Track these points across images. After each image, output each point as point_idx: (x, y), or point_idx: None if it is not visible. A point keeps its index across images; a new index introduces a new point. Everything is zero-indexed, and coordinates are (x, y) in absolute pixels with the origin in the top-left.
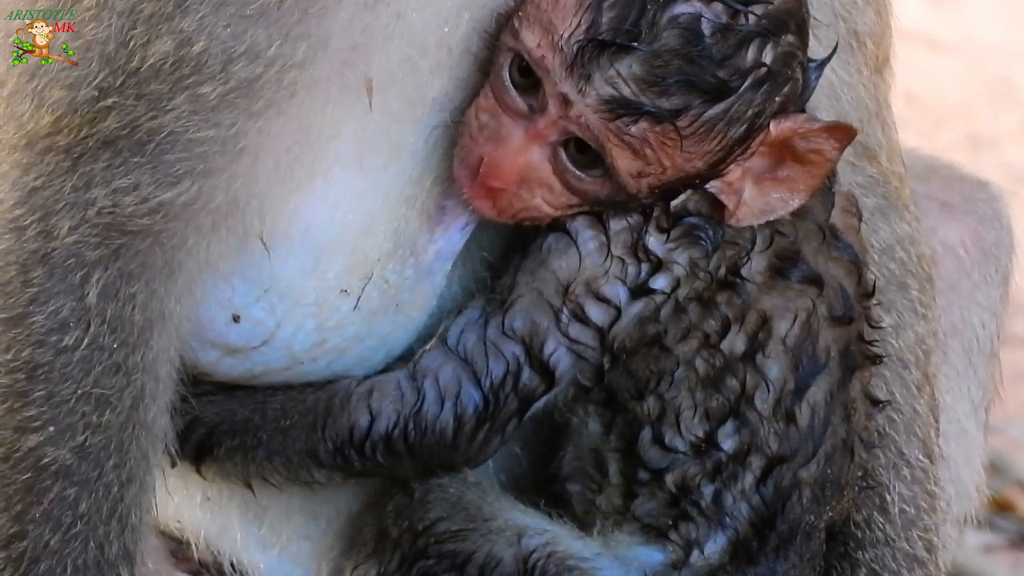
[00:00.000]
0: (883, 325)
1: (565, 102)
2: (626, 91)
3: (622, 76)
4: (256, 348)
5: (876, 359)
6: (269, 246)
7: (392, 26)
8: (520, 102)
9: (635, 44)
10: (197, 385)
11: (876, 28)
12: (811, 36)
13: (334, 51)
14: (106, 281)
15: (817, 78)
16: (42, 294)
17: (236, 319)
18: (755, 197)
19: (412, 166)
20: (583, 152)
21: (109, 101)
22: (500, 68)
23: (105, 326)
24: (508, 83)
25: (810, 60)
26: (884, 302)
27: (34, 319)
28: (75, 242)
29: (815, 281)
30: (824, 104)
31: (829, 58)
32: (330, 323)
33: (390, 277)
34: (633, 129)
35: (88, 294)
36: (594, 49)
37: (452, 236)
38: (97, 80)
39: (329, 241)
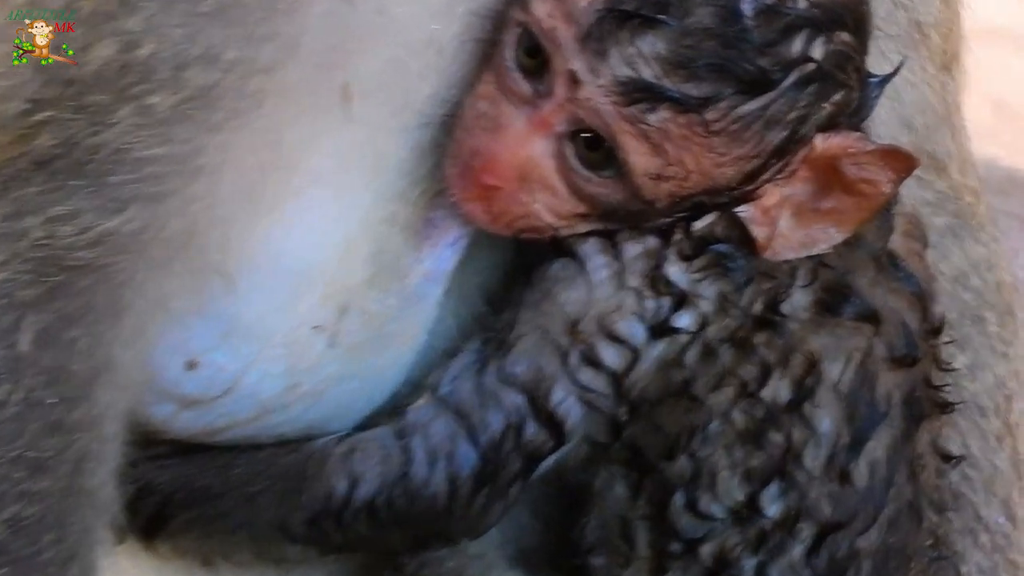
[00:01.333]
0: (955, 367)
1: (574, 81)
2: (647, 72)
3: (643, 55)
4: (217, 398)
5: (947, 407)
6: (231, 280)
7: (373, 23)
8: (525, 86)
9: (662, 18)
10: (149, 446)
11: (943, 18)
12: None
13: (306, 53)
14: (42, 325)
15: (877, 96)
16: None
17: (193, 365)
18: (793, 228)
19: (397, 180)
20: (593, 148)
21: (43, 115)
22: (504, 46)
23: (41, 378)
24: (512, 63)
25: (870, 75)
26: (956, 339)
27: None
28: (4, 280)
29: (871, 317)
30: (883, 105)
31: (895, 73)
32: (303, 364)
33: (371, 306)
34: (652, 118)
35: (20, 341)
36: (614, 21)
37: (442, 254)
38: (29, 91)
39: (302, 271)
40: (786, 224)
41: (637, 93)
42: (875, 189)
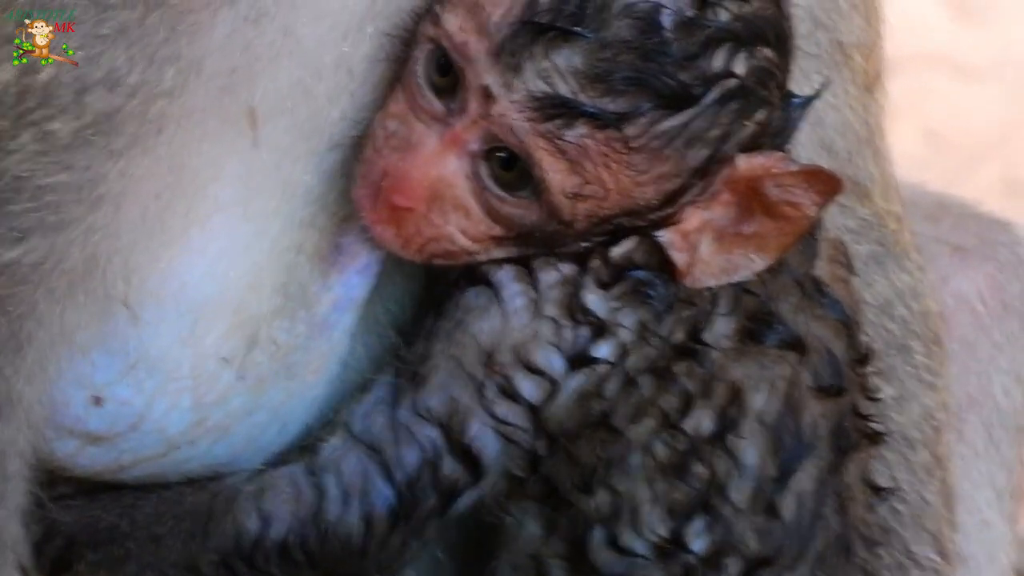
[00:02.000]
0: (882, 397)
1: (487, 97)
2: (563, 87)
3: (559, 68)
4: (122, 434)
5: (875, 438)
6: (136, 311)
7: (279, 44)
8: (436, 104)
9: (578, 30)
10: (53, 486)
11: (865, 38)
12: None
13: (210, 75)
14: None
15: (800, 117)
16: None
17: (98, 400)
18: (714, 254)
19: (305, 207)
20: (508, 167)
21: None
22: (415, 63)
23: None
24: (423, 81)
25: (793, 95)
26: (883, 369)
27: None
28: None
29: (795, 345)
30: (803, 128)
31: (818, 94)
32: (210, 397)
33: (279, 337)
34: (569, 134)
35: None
36: (528, 34)
37: (350, 280)
38: None
39: (207, 301)
40: (707, 249)
41: (553, 109)
42: (798, 212)
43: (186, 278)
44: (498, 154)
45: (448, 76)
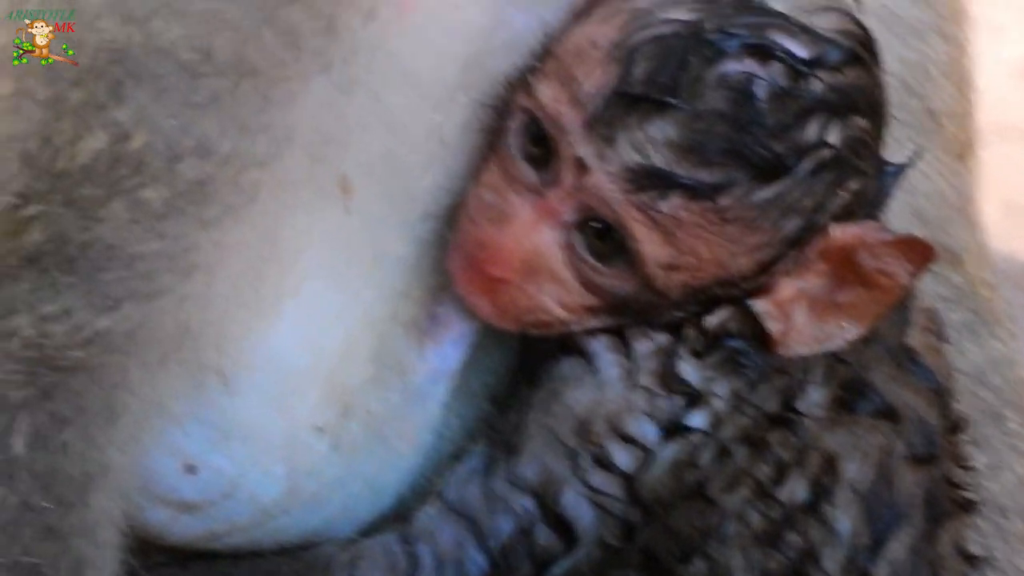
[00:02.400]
0: (976, 465)
1: (581, 168)
2: (656, 158)
3: (653, 140)
4: (216, 502)
5: (969, 506)
6: (229, 380)
7: (371, 114)
8: (530, 174)
9: (672, 101)
10: (146, 554)
11: (957, 107)
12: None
13: (302, 145)
14: (35, 427)
15: (895, 185)
16: None
17: (191, 469)
18: (809, 323)
19: (397, 275)
20: (603, 238)
21: (32, 210)
22: (509, 134)
23: (35, 482)
24: (517, 151)
25: (886, 163)
26: (976, 438)
27: None
28: None
29: (889, 414)
30: (895, 196)
31: (912, 162)
32: (304, 467)
33: (373, 407)
34: (663, 205)
35: (13, 444)
36: (622, 105)
37: (445, 351)
38: (17, 185)
39: (301, 371)
40: (801, 318)
41: (647, 180)
42: (892, 281)
43: (279, 346)
44: (592, 225)
45: (542, 146)
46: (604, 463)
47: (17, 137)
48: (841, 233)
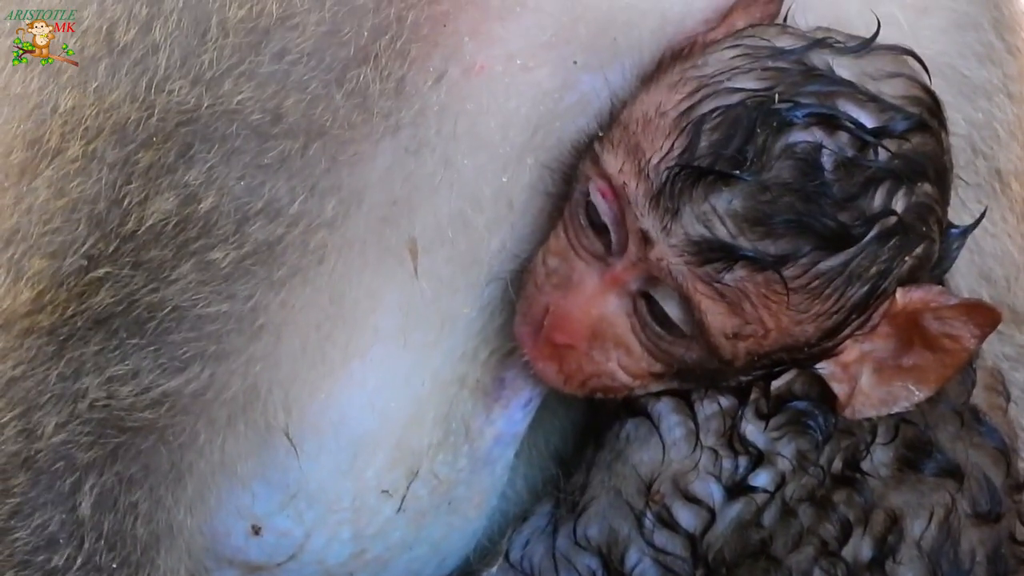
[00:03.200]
0: None
1: (646, 241)
2: (721, 231)
3: (718, 212)
4: (282, 564)
5: None
6: (296, 443)
7: (439, 176)
8: (597, 243)
9: (738, 173)
10: None
11: (1023, 166)
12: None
13: (370, 206)
14: (102, 488)
15: (959, 247)
16: (26, 505)
17: (257, 531)
18: (874, 386)
19: (466, 340)
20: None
21: (101, 271)
22: (576, 203)
23: (102, 542)
24: (584, 220)
25: (952, 226)
26: None
27: (17, 535)
28: (63, 442)
29: (954, 473)
30: (961, 256)
31: (976, 223)
32: (370, 530)
33: (440, 471)
34: (727, 277)
35: (81, 504)
36: (687, 178)
37: (513, 415)
38: (86, 247)
39: (368, 434)
40: (867, 381)
41: (712, 252)
42: (958, 345)
43: (346, 410)
44: (658, 293)
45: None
46: (668, 523)
47: (86, 200)
48: (906, 297)
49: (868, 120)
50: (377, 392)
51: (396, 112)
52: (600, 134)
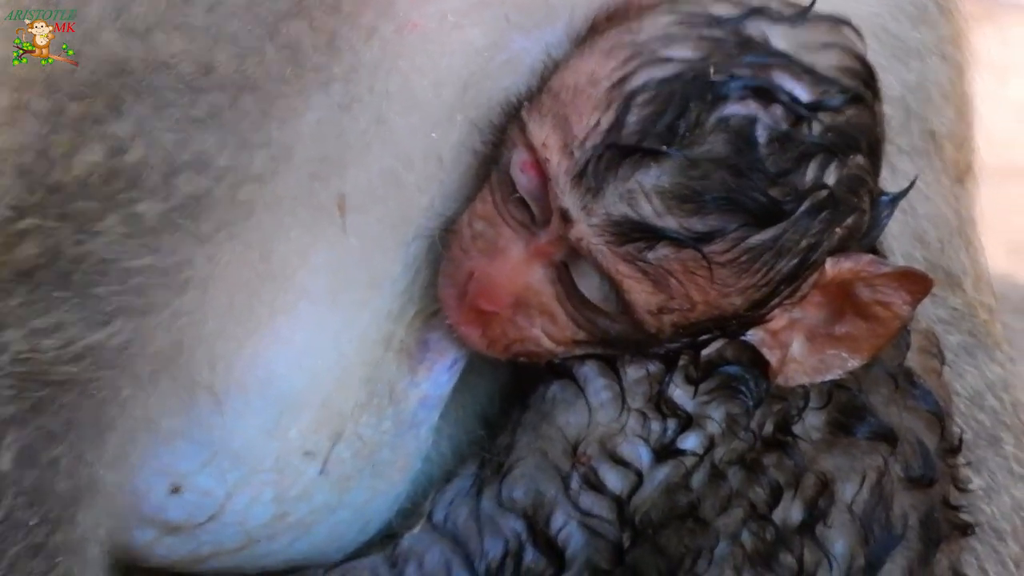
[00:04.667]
0: (972, 488)
1: (565, 219)
2: (646, 209)
3: (644, 189)
4: (202, 524)
5: (965, 529)
6: (220, 400)
7: (371, 133)
8: (523, 211)
9: (667, 149)
10: (130, 573)
11: (957, 129)
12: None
13: (300, 162)
14: (23, 443)
15: (889, 215)
16: None
17: (177, 489)
18: (807, 354)
19: (392, 299)
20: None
21: (26, 223)
22: (503, 169)
23: (22, 498)
24: (511, 188)
25: (882, 193)
26: (973, 460)
27: None
28: None
29: (887, 436)
30: (896, 219)
31: (907, 190)
32: (293, 492)
33: (365, 433)
34: (650, 256)
35: (2, 459)
36: (612, 157)
37: (438, 378)
38: (11, 198)
39: (294, 393)
40: (799, 349)
41: (635, 232)
42: (890, 312)
43: (272, 368)
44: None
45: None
46: (595, 485)
47: (13, 150)
48: (836, 267)
49: (803, 93)
50: (304, 351)
51: (328, 67)
52: (529, 99)
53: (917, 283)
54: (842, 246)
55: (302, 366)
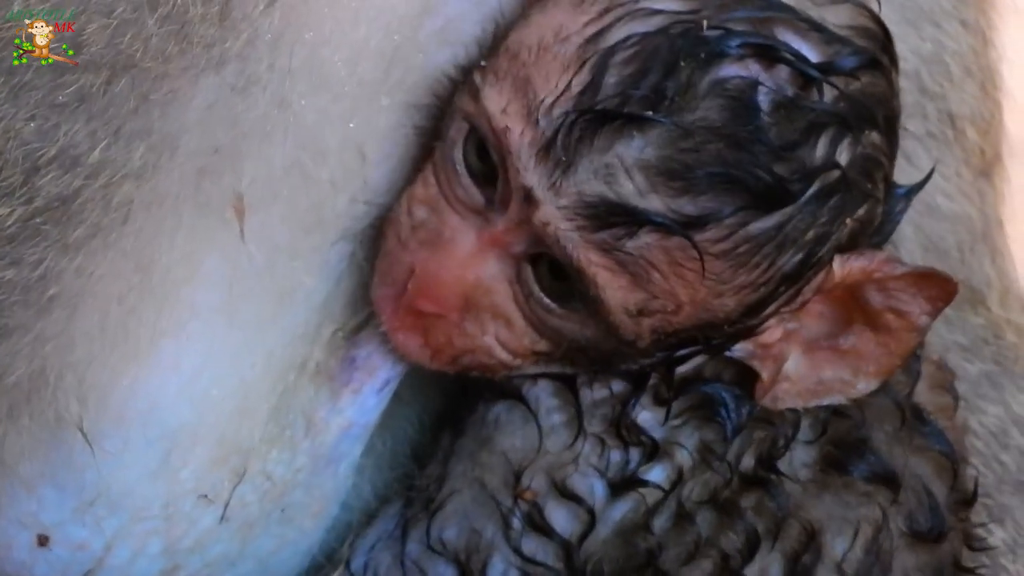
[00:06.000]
0: (992, 544)
1: (529, 200)
2: (627, 188)
3: (625, 164)
4: None
5: None
6: (93, 438)
7: (272, 119)
8: (475, 193)
9: (654, 116)
10: None
11: (981, 110)
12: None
13: (187, 155)
14: None
15: (903, 210)
16: None
17: (44, 542)
18: (804, 371)
19: (307, 315)
20: (560, 276)
21: None
22: (450, 144)
23: None
24: (460, 166)
25: (896, 185)
26: (994, 508)
27: None
28: None
29: (889, 480)
30: (906, 220)
31: (925, 181)
32: (185, 542)
33: (274, 471)
34: (630, 245)
35: None
36: (587, 125)
37: (365, 403)
38: None
39: (183, 427)
40: (795, 365)
41: (612, 216)
42: (906, 322)
43: (156, 398)
44: (548, 257)
45: (488, 162)
46: (540, 525)
47: None
48: (845, 267)
49: (812, 53)
50: (194, 378)
51: (220, 42)
52: (482, 62)
53: (939, 286)
54: (851, 243)
55: (192, 396)
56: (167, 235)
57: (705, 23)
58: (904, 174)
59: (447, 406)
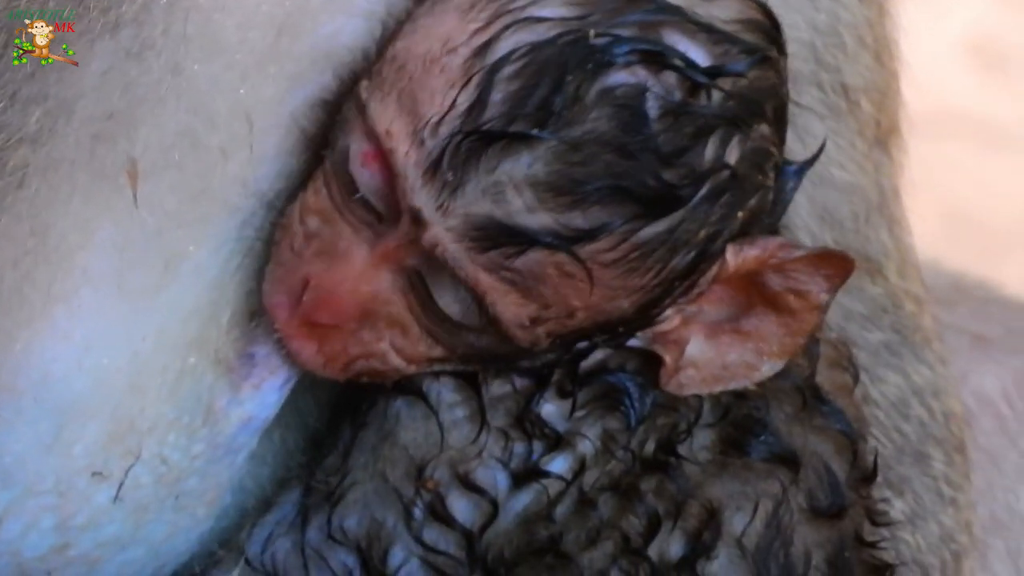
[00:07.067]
0: (893, 519)
1: (417, 221)
2: (516, 204)
3: (514, 182)
4: None
5: (883, 569)
6: None
7: (165, 84)
8: (366, 210)
9: (539, 132)
10: None
11: (876, 81)
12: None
13: (82, 120)
14: None
15: (795, 187)
16: None
17: None
18: (708, 356)
19: (199, 290)
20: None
21: None
22: (340, 154)
23: None
24: (349, 179)
25: (787, 162)
26: (894, 480)
27: None
28: None
29: (787, 459)
30: (801, 192)
31: (816, 157)
32: (78, 520)
33: (171, 456)
34: (519, 263)
35: None
36: (473, 145)
37: (265, 399)
38: None
39: (77, 399)
40: (699, 350)
41: (501, 236)
42: (806, 302)
43: (49, 368)
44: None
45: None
46: (441, 516)
47: None
48: (739, 257)
49: (700, 56)
50: (87, 348)
51: (116, 6)
52: (369, 69)
53: (836, 264)
54: (744, 231)
55: (85, 366)
56: (62, 200)
57: (592, 31)
58: (799, 147)
59: (348, 396)
